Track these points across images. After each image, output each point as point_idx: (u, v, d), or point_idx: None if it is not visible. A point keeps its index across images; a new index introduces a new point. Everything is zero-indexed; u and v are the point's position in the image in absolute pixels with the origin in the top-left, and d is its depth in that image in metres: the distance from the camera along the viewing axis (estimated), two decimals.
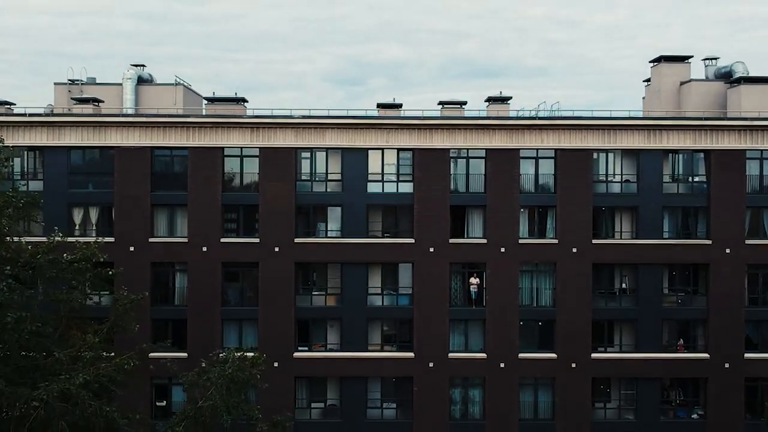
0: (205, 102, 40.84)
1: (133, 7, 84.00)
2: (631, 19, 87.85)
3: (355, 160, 35.74)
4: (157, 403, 36.05)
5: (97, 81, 42.80)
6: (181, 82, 42.11)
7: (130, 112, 38.54)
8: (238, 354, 28.37)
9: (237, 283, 36.27)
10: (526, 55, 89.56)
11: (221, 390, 26.38)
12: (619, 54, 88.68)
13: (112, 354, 29.45)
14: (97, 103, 39.39)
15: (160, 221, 36.13)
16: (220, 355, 29.44)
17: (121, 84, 40.98)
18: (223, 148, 35.76)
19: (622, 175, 36.18)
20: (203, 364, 29.20)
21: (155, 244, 35.64)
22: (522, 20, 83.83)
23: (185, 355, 35.32)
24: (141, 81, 41.32)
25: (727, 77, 39.95)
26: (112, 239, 35.44)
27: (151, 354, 34.01)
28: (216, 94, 40.62)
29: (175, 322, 35.97)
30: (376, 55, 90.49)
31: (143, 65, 42.78)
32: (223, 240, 35.64)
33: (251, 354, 29.32)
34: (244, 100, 40.25)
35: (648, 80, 43.57)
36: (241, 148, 35.84)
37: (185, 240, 35.64)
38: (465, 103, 40.96)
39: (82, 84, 42.08)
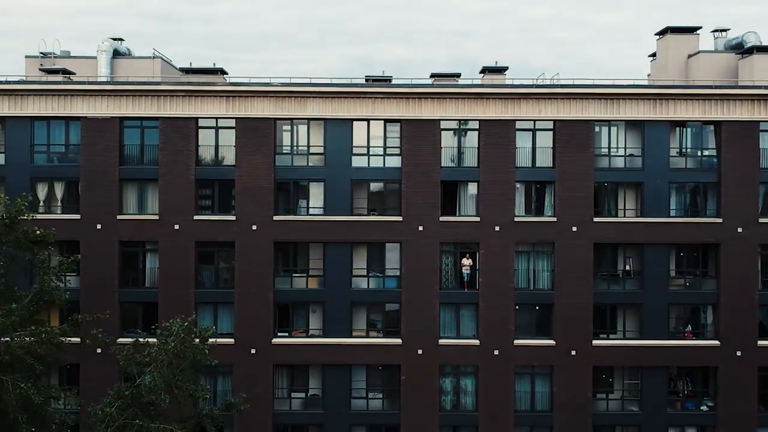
0: (182, 73, 38.42)
1: (138, 7, 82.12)
2: (637, 20, 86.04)
3: (338, 132, 33.28)
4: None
5: (72, 54, 40.51)
6: (159, 55, 39.66)
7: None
8: (185, 325, 25.71)
9: (211, 264, 33.80)
10: (531, 56, 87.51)
11: (161, 366, 23.84)
12: (625, 54, 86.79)
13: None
14: (68, 76, 37.01)
15: (130, 197, 33.71)
16: (165, 325, 26.97)
17: (95, 57, 38.58)
18: (197, 118, 33.33)
19: (625, 148, 33.66)
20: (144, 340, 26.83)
21: (124, 222, 33.22)
22: (528, 21, 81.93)
23: (155, 341, 32.89)
24: (117, 54, 38.89)
25: (738, 48, 37.43)
26: (77, 216, 33.05)
27: (121, 339, 31.81)
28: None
29: (146, 305, 33.56)
30: (382, 55, 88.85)
31: (121, 39, 40.40)
32: (196, 218, 33.20)
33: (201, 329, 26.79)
34: (222, 71, 37.87)
35: (653, 55, 41.07)
36: (217, 118, 33.41)
37: (156, 217, 33.21)
38: (459, 75, 38.69)
39: (54, 57, 39.68)
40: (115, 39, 39.68)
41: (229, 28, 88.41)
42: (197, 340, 25.43)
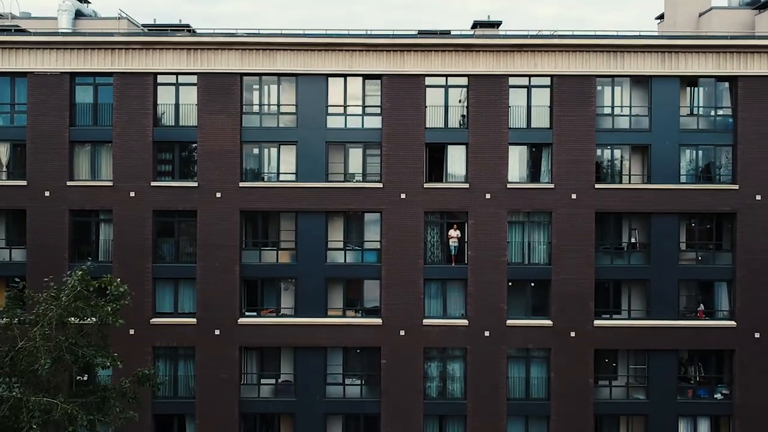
0: (145, 30, 35.10)
1: (141, 8, 79.05)
2: (641, 19, 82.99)
3: (312, 89, 29.98)
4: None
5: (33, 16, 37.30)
6: (125, 15, 36.37)
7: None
8: (79, 274, 22.46)
9: (171, 236, 30.50)
10: None
11: (44, 328, 20.39)
12: None
13: None
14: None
15: (81, 161, 30.47)
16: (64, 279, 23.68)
17: (56, 18, 35.32)
18: (155, 74, 30.05)
19: (631, 107, 30.28)
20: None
21: (75, 189, 29.97)
22: (533, 20, 78.99)
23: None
24: (81, 15, 35.58)
25: (755, 3, 34.06)
26: (23, 183, 29.83)
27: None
28: None
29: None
30: None
31: (88, 1, 37.19)
32: (154, 184, 29.93)
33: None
34: (189, 29, 34.55)
35: (660, 17, 37.72)
36: (177, 74, 30.12)
37: (110, 184, 29.95)
38: (448, 32, 35.21)
39: (13, 18, 36.42)
40: (81, 1, 36.51)
41: (234, 28, 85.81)
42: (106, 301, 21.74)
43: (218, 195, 29.82)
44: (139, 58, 29.90)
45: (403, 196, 29.78)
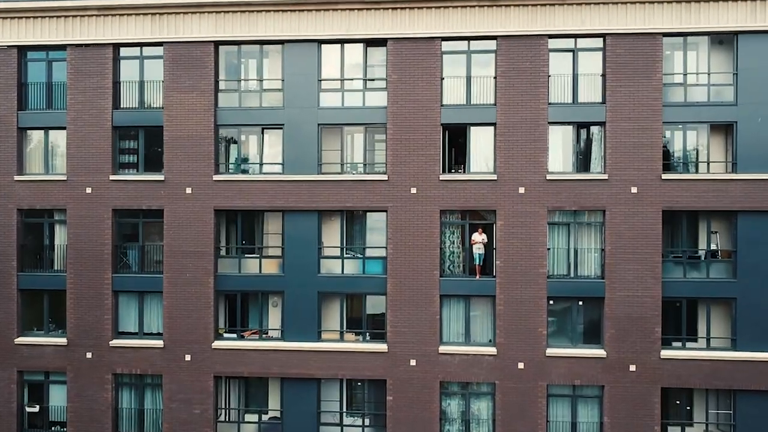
0: None
1: None
2: None
3: (302, 59, 24.26)
4: (28, 409, 25.45)
5: None
6: None
7: None
8: None
9: (135, 241, 25.27)
10: None
11: None
12: None
13: None
14: None
15: (33, 152, 25.63)
16: None
17: None
18: (115, 45, 24.94)
19: (709, 74, 23.35)
20: None
21: (24, 184, 25.17)
22: None
23: (64, 341, 24.81)
24: None
25: None
26: None
27: (19, 339, 24.04)
28: None
29: (53, 295, 25.38)
30: None
31: None
32: (114, 178, 24.81)
33: None
34: None
35: None
36: (141, 44, 24.90)
37: (63, 178, 24.99)
38: None
39: None
40: None
41: None
42: None
43: (188, 191, 24.45)
44: (96, 27, 24.84)
45: (414, 191, 23.73)
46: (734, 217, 23.06)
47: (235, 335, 24.98)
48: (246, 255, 24.97)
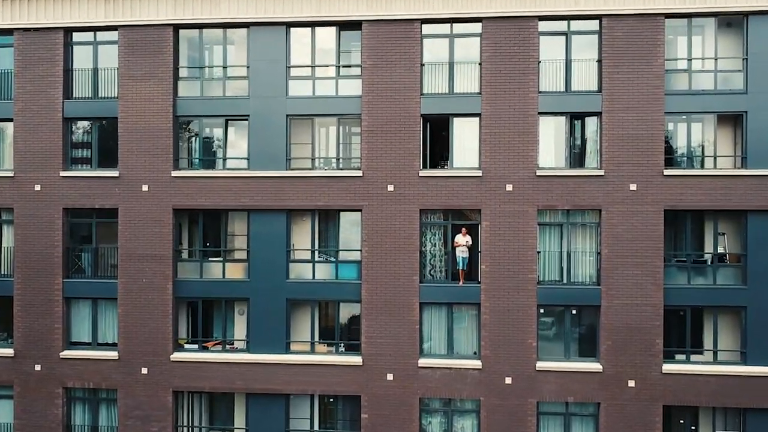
0: None
1: None
2: None
3: (269, 44, 22.14)
4: None
5: None
6: None
7: None
8: None
9: (89, 243, 23.16)
10: None
11: None
12: None
13: None
14: None
15: None
16: None
17: None
18: (66, 29, 22.84)
19: (716, 59, 21.19)
20: None
21: None
22: None
23: (11, 352, 22.73)
24: None
25: None
26: None
27: None
28: None
29: (1, 301, 23.30)
30: None
31: None
32: (65, 174, 22.71)
33: None
34: None
35: None
36: (95, 29, 22.82)
37: (10, 174, 22.90)
38: None
39: None
40: None
41: None
42: None
43: (145, 188, 22.34)
44: (45, 9, 22.74)
45: (391, 188, 21.60)
46: (744, 217, 20.90)
47: (196, 346, 22.87)
48: (208, 258, 22.86)
